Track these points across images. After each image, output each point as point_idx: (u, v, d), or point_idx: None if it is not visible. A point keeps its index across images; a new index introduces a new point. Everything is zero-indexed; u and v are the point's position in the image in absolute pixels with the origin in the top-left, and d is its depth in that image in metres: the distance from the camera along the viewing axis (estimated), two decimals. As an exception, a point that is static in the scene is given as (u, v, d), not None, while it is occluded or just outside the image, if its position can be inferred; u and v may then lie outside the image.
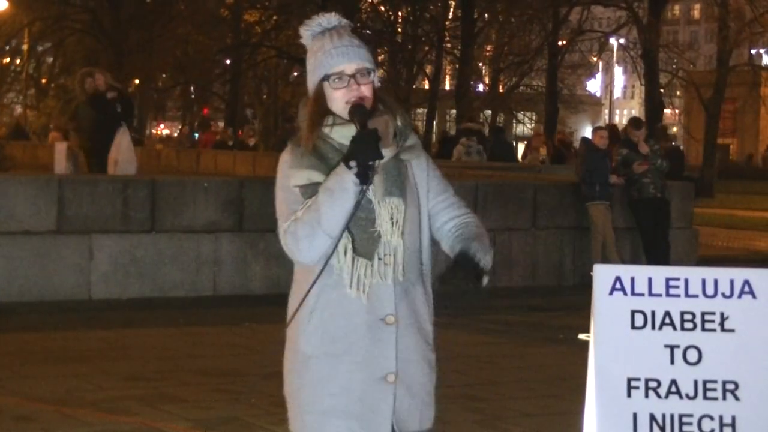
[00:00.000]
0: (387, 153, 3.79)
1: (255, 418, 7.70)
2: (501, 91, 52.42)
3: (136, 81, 52.85)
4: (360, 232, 3.80)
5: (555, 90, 47.53)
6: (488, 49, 53.58)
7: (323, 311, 3.82)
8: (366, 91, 3.82)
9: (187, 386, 8.49)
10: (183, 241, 12.68)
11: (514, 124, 66.56)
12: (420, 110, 55.77)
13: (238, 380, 8.74)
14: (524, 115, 59.47)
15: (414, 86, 51.88)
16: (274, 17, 48.50)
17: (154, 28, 47.97)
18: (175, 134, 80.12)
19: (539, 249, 14.81)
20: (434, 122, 50.17)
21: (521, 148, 72.19)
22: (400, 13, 50.26)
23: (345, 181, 3.70)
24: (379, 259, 3.81)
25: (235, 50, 48.61)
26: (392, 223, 3.81)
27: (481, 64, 53.82)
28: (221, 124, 49.38)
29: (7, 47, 54.15)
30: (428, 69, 51.88)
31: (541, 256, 14.81)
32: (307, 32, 3.98)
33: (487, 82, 55.05)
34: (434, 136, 48.67)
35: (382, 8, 50.19)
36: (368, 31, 49.54)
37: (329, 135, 3.83)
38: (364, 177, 3.69)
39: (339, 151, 3.79)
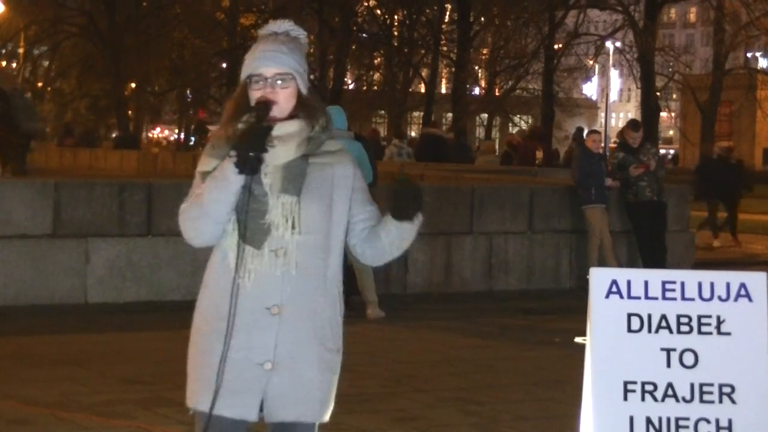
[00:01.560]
0: (288, 153, 4.05)
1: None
2: (497, 94, 52.40)
3: (133, 84, 52.85)
4: (251, 222, 4.04)
5: (551, 93, 47.52)
6: (484, 52, 53.53)
7: (215, 291, 4.14)
8: (282, 94, 4.10)
9: (184, 390, 8.48)
10: (179, 245, 12.55)
11: (510, 127, 66.53)
12: (416, 113, 55.79)
13: (234, 384, 8.73)
14: (520, 118, 59.45)
15: (410, 89, 51.88)
16: (270, 21, 48.48)
17: (149, 31, 47.99)
18: (172, 138, 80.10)
19: (536, 252, 14.80)
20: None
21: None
22: (396, 17, 50.25)
23: (226, 169, 3.98)
24: (271, 250, 4.05)
25: (231, 53, 48.57)
26: (285, 219, 4.04)
27: (477, 68, 53.79)
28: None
29: (3, 51, 54.11)
30: (424, 72, 51.87)
31: (537, 260, 14.81)
32: (259, 33, 4.32)
33: (483, 85, 55.04)
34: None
35: (379, 11, 50.19)
36: (364, 35, 49.58)
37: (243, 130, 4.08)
38: (243, 167, 3.92)
39: None
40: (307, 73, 4.21)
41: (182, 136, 68.87)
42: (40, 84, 55.41)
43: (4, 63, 56.06)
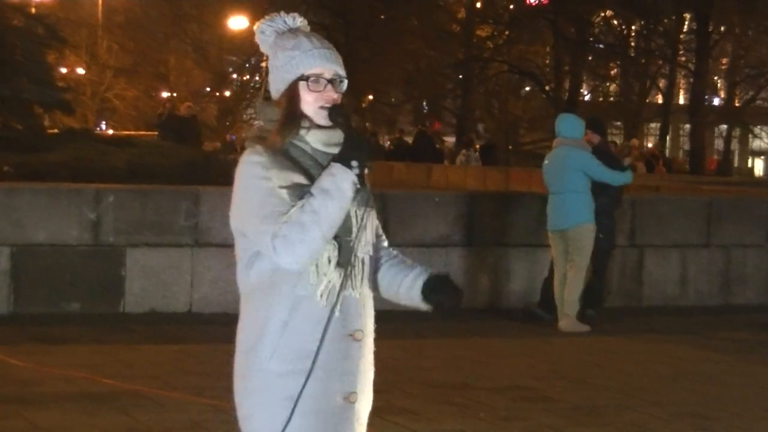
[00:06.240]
0: None
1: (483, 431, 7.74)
2: (736, 104, 51.12)
3: (370, 96, 53.74)
4: (341, 240, 3.61)
5: (793, 103, 46.12)
6: (723, 62, 52.34)
7: (296, 325, 3.59)
8: (339, 99, 3.64)
9: (414, 398, 8.58)
10: (414, 255, 12.64)
11: (750, 139, 64.80)
12: (653, 125, 54.94)
13: (465, 393, 8.79)
14: (761, 129, 57.84)
15: (647, 100, 51.09)
16: (506, 32, 48.55)
17: (384, 43, 48.65)
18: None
19: (776, 266, 14.41)
20: (668, 137, 49.30)
21: (759, 163, 70.20)
22: (633, 27, 49.60)
23: (343, 180, 3.49)
24: (351, 270, 3.64)
25: (466, 65, 48.84)
26: (363, 236, 3.65)
27: (716, 78, 52.59)
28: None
29: (247, 65, 55.80)
30: (661, 83, 51.02)
31: (777, 274, 14.41)
32: (269, 28, 3.71)
33: (722, 95, 53.79)
34: (667, 151, 47.87)
35: (615, 22, 49.64)
36: (600, 45, 49.10)
37: (304, 138, 3.63)
38: (362, 179, 3.53)
39: (311, 155, 3.63)
40: None
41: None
42: (281, 96, 56.74)
43: (247, 76, 57.81)
